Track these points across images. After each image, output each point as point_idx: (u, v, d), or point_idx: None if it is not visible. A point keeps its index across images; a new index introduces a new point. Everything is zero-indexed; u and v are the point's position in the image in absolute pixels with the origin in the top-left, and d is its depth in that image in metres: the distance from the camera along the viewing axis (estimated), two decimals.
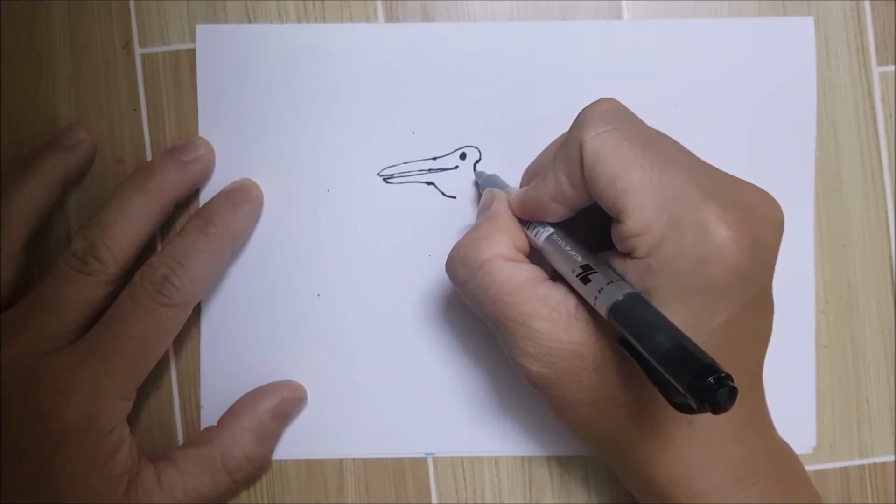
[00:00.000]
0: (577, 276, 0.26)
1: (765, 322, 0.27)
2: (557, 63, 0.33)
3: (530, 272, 0.27)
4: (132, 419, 0.30)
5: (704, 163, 0.27)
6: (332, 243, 0.33)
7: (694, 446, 0.26)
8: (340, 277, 0.33)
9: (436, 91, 0.33)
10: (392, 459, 0.33)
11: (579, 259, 0.26)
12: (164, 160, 0.32)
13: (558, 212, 0.28)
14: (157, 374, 0.33)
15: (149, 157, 0.34)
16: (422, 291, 0.33)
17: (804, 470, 0.29)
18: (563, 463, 0.33)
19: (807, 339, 0.34)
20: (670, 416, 0.26)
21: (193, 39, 0.33)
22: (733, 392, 0.20)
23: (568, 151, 0.26)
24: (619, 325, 0.23)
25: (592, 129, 0.26)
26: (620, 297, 0.24)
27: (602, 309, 0.24)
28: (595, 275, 0.25)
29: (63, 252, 0.30)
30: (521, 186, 0.32)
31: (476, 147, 0.33)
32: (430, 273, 0.33)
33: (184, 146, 0.32)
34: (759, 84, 0.34)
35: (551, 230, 0.28)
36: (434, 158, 0.33)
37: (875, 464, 0.34)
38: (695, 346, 0.21)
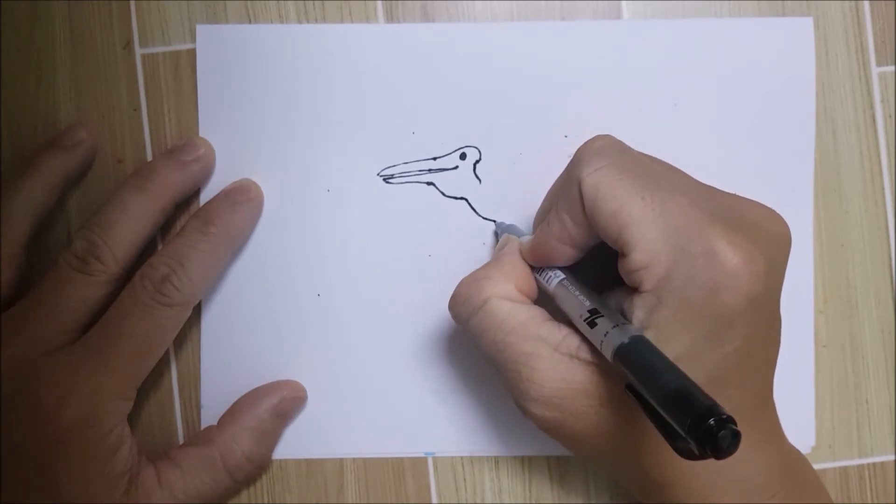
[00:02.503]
0: (585, 320, 0.25)
1: (774, 338, 0.27)
2: (557, 63, 0.33)
3: (531, 312, 0.27)
4: (132, 419, 0.30)
5: (704, 185, 0.26)
6: (332, 243, 0.33)
7: (709, 467, 0.26)
8: (340, 277, 0.33)
9: (436, 91, 0.33)
10: (392, 459, 0.33)
11: (587, 304, 0.26)
12: (164, 160, 0.32)
13: (566, 253, 0.27)
14: (158, 373, 0.33)
15: (149, 157, 0.34)
16: (421, 291, 0.33)
17: (816, 476, 0.29)
18: (563, 463, 0.33)
19: (806, 339, 0.34)
20: None
21: (194, 39, 0.33)
22: (736, 435, 0.19)
23: (568, 191, 0.26)
24: (623, 367, 0.23)
25: (590, 165, 0.26)
26: (626, 341, 0.23)
27: (608, 352, 0.24)
28: (601, 318, 0.25)
29: (63, 252, 0.30)
30: (533, 231, 0.32)
31: (476, 147, 0.33)
32: (429, 273, 0.33)
33: (184, 146, 0.32)
34: (759, 84, 0.34)
35: (562, 276, 0.28)
36: (434, 158, 0.33)
37: (874, 463, 0.34)
38: (698, 389, 0.21)
